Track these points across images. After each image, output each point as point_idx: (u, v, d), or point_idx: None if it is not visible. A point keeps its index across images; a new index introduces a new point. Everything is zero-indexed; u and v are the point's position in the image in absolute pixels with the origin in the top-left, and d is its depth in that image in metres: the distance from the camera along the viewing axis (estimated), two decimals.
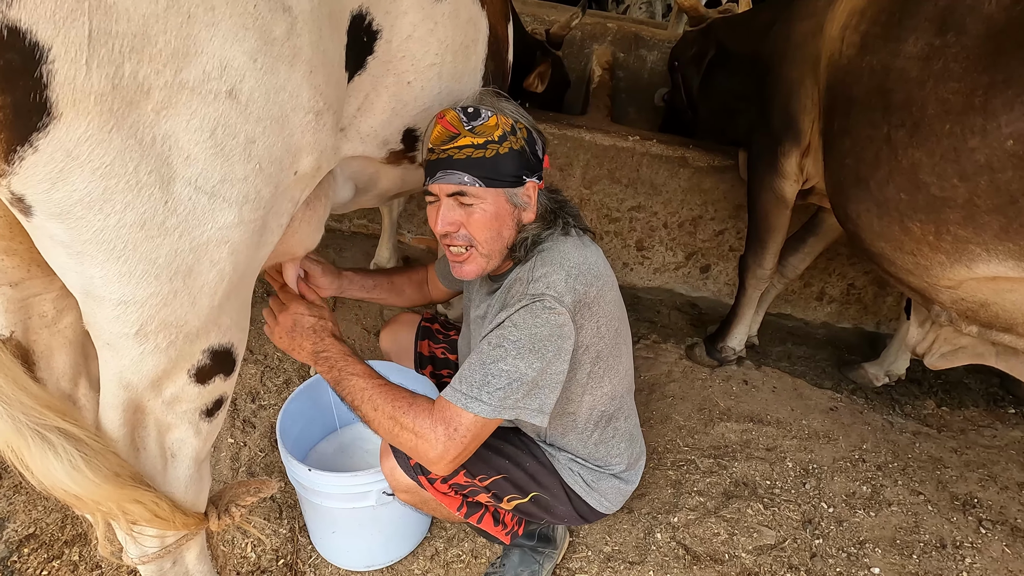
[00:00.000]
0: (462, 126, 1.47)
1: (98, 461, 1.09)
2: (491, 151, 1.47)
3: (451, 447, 1.43)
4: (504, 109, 1.52)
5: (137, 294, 0.96)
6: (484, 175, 1.48)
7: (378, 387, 1.51)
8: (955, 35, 1.50)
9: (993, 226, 1.50)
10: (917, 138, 1.58)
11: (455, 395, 1.45)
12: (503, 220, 1.54)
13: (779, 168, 2.45)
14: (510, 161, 1.49)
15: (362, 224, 3.72)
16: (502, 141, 1.48)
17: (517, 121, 1.52)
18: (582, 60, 4.57)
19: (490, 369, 1.44)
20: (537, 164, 1.57)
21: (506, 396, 1.43)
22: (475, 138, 1.46)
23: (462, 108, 1.49)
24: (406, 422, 1.45)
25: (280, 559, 1.99)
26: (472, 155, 1.46)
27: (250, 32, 0.91)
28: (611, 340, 1.64)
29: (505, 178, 1.50)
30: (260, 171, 1.01)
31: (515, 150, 1.50)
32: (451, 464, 1.47)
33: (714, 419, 2.71)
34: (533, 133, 1.56)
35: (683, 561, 2.10)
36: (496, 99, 1.54)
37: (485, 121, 1.47)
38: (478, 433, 1.46)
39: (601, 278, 1.58)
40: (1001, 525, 2.34)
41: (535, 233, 1.58)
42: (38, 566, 1.88)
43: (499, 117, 1.49)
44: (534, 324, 1.45)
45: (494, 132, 1.47)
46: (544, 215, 1.60)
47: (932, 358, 2.10)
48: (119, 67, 0.80)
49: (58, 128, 0.79)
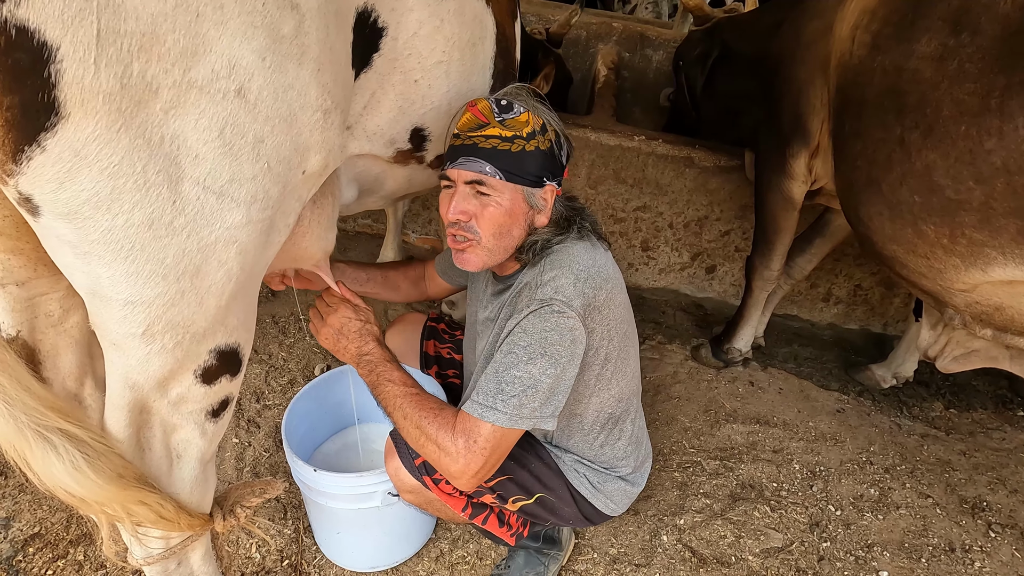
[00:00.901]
0: (493, 116, 1.46)
1: (101, 462, 1.08)
2: (517, 146, 1.46)
3: (472, 461, 1.43)
4: (537, 108, 1.52)
5: (144, 294, 0.95)
6: (506, 168, 1.47)
7: (409, 396, 1.52)
8: (970, 35, 1.49)
9: (1010, 229, 1.49)
10: (931, 140, 1.56)
11: (472, 406, 1.45)
12: (515, 218, 1.53)
13: (787, 169, 2.44)
14: (534, 160, 1.48)
15: (367, 224, 3.72)
16: (530, 139, 1.47)
17: (548, 123, 1.52)
18: (587, 60, 4.56)
19: (503, 377, 1.43)
20: (560, 169, 1.57)
21: (521, 404, 1.42)
22: (504, 130, 1.46)
23: (495, 99, 1.49)
24: (430, 433, 1.45)
25: (285, 559, 1.98)
26: (498, 146, 1.45)
27: (259, 30, 0.90)
28: (619, 343, 1.63)
29: (527, 176, 1.49)
30: (268, 170, 1.00)
31: (541, 150, 1.49)
32: (474, 478, 1.46)
33: (720, 421, 2.70)
34: (561, 138, 1.56)
35: (689, 564, 2.09)
36: (531, 96, 1.54)
37: (517, 116, 1.47)
38: (498, 444, 1.45)
39: (610, 281, 1.57)
40: (1010, 528, 2.32)
41: (545, 238, 1.56)
42: (43, 565, 1.88)
43: (531, 115, 1.48)
44: (544, 329, 1.44)
45: (524, 128, 1.47)
46: (558, 221, 1.59)
47: (944, 361, 2.08)
48: (128, 66, 0.79)
49: (66, 128, 0.78)
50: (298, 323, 2.92)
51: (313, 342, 2.82)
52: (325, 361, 2.73)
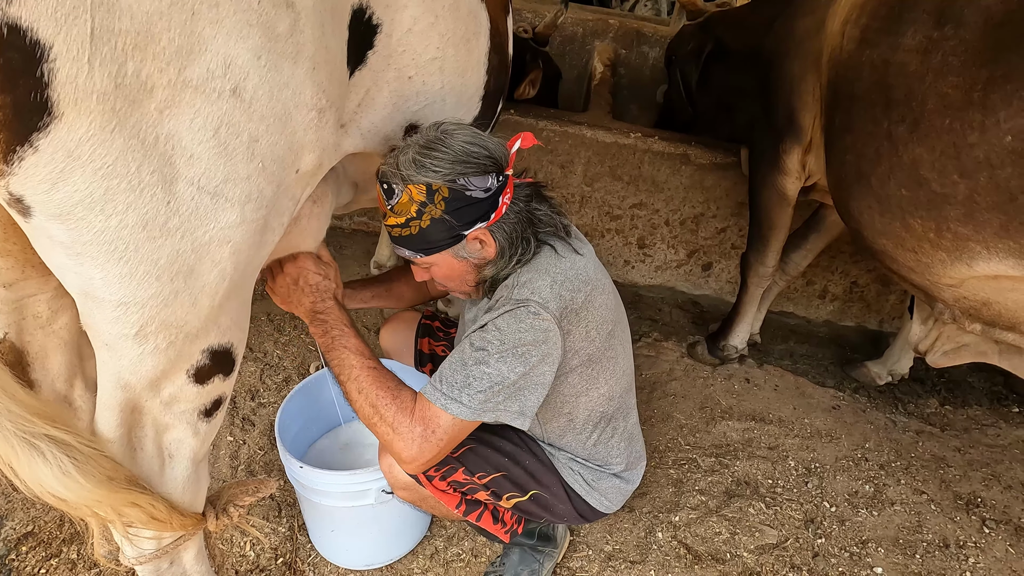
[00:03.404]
0: (385, 205, 1.46)
1: (90, 466, 1.07)
2: (415, 227, 1.45)
3: (426, 448, 1.43)
4: (413, 174, 1.39)
5: (138, 295, 0.95)
6: (418, 248, 1.49)
7: (367, 369, 1.48)
8: (953, 28, 1.49)
9: (993, 223, 1.49)
10: (917, 134, 1.56)
11: (435, 394, 1.44)
12: (460, 272, 1.55)
13: (781, 165, 2.44)
14: (435, 230, 1.45)
15: (362, 221, 3.71)
16: (420, 215, 1.43)
17: (432, 184, 1.39)
18: (583, 57, 4.55)
19: (472, 371, 1.43)
20: (475, 211, 1.45)
21: (487, 399, 1.42)
22: (396, 218, 1.45)
23: (382, 182, 1.45)
24: (386, 414, 1.44)
25: (279, 558, 1.98)
26: (402, 234, 1.47)
27: (254, 29, 0.89)
28: (603, 343, 1.62)
29: (440, 244, 1.48)
30: (263, 170, 0.99)
31: (436, 219, 1.43)
32: (423, 465, 1.47)
33: (716, 418, 2.71)
34: (460, 180, 1.40)
35: (684, 560, 2.09)
36: (410, 163, 1.40)
37: (399, 199, 1.42)
38: (455, 435, 1.45)
39: (590, 283, 1.55)
40: (1005, 524, 2.33)
41: (492, 274, 1.54)
42: (36, 564, 1.87)
43: (410, 190, 1.40)
44: (518, 329, 1.44)
45: (410, 208, 1.42)
46: (506, 245, 1.50)
47: (935, 356, 2.09)
48: (122, 65, 0.78)
49: (59, 128, 0.77)
50: (293, 321, 2.91)
51: (309, 340, 2.81)
52: (319, 359, 2.72)
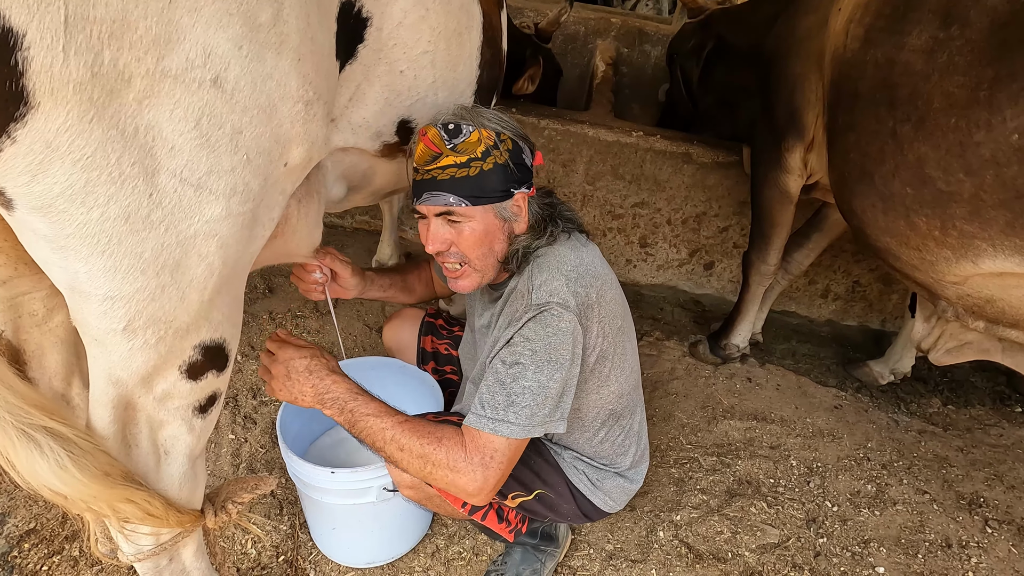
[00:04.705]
0: (444, 144, 1.44)
1: (87, 460, 1.07)
2: (475, 168, 1.44)
3: (490, 476, 1.42)
4: (485, 122, 1.47)
5: (123, 289, 0.94)
6: (470, 194, 1.45)
7: (398, 425, 1.45)
8: (959, 28, 1.49)
9: (999, 221, 1.48)
10: (922, 132, 1.56)
11: (481, 421, 1.43)
12: (493, 235, 1.53)
13: (783, 163, 2.43)
14: (495, 176, 1.46)
15: (364, 220, 3.71)
16: (486, 157, 1.44)
17: (501, 132, 1.48)
18: (585, 55, 4.55)
19: (512, 389, 1.42)
20: (525, 174, 1.53)
21: (533, 413, 1.41)
22: (457, 156, 1.43)
23: (442, 125, 1.45)
24: (439, 459, 1.42)
25: (280, 555, 1.98)
26: (456, 175, 1.44)
27: (234, 18, 0.89)
28: (614, 339, 1.63)
29: (492, 194, 1.47)
30: (248, 162, 0.99)
31: (499, 164, 1.46)
32: (492, 493, 1.45)
33: (717, 417, 2.69)
34: (519, 142, 1.52)
35: (686, 560, 2.08)
36: (476, 111, 1.49)
37: (467, 137, 1.44)
38: (512, 456, 1.45)
39: (600, 278, 1.57)
40: (1007, 524, 2.31)
41: (525, 244, 1.55)
42: (38, 561, 1.88)
43: (481, 131, 1.45)
44: (546, 335, 1.44)
45: (477, 148, 1.44)
46: (536, 224, 1.58)
47: (937, 354, 2.07)
48: (98, 54, 0.77)
49: (36, 118, 0.77)
50: (295, 320, 2.92)
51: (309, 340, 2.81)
52: None
